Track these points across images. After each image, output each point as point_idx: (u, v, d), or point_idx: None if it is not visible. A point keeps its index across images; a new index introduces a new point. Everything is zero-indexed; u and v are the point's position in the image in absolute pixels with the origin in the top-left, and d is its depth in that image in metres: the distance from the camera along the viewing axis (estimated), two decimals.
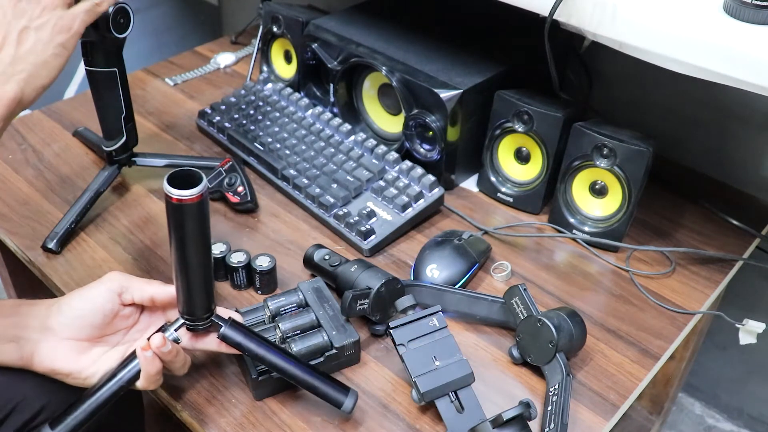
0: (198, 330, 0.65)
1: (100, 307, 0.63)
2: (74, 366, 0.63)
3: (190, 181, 0.56)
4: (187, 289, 0.61)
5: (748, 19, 0.64)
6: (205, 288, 0.62)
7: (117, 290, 0.64)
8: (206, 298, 0.63)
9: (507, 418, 0.60)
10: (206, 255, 0.60)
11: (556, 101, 0.88)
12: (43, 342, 0.62)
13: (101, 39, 0.80)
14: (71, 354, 0.63)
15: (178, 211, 0.56)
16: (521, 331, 0.71)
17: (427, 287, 0.77)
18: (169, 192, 0.55)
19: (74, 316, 0.63)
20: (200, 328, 0.64)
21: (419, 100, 0.92)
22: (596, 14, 0.71)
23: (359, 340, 0.71)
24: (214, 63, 1.27)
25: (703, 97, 1.01)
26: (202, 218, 0.57)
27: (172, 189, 0.55)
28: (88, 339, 0.64)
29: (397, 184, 0.91)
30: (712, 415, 1.32)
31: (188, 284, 0.61)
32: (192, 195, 0.55)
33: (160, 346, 0.61)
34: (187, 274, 0.60)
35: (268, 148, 0.99)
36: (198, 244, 0.59)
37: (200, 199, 0.56)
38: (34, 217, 0.90)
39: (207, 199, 0.57)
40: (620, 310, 0.81)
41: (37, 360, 0.63)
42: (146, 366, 0.61)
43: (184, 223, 0.57)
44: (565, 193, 0.89)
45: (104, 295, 0.63)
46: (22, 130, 1.07)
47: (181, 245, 0.58)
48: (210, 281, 0.62)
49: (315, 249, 0.81)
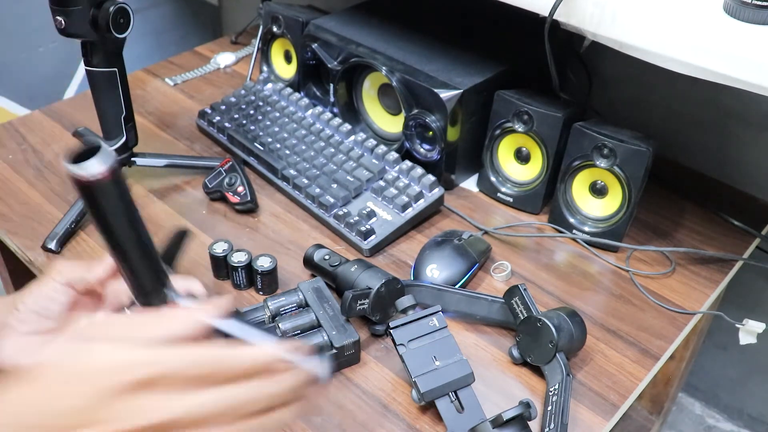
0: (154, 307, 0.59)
1: (51, 301, 0.62)
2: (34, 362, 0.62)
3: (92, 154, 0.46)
4: (126, 270, 0.56)
5: (748, 19, 0.64)
6: (150, 267, 0.55)
7: (66, 282, 0.62)
8: (155, 277, 0.56)
9: (507, 418, 0.60)
10: (135, 233, 0.53)
11: (556, 101, 0.88)
12: (3, 339, 0.61)
13: (101, 39, 0.80)
14: (29, 348, 0.61)
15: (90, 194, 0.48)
16: (521, 331, 0.71)
17: (427, 287, 0.77)
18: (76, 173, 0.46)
19: (29, 311, 0.62)
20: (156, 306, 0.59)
21: (419, 100, 0.92)
22: (596, 14, 0.71)
23: (359, 340, 0.71)
24: (214, 63, 1.27)
25: (703, 97, 1.01)
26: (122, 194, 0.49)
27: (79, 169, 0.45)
28: (51, 331, 0.62)
29: (397, 184, 0.91)
30: (712, 415, 1.32)
31: (126, 266, 0.55)
32: (101, 174, 0.46)
33: None
34: (121, 256, 0.54)
35: (268, 148, 0.99)
36: (123, 225, 0.51)
37: (112, 174, 0.47)
38: (34, 217, 0.90)
39: (119, 172, 0.48)
40: (620, 310, 0.81)
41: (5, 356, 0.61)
42: None
43: (102, 205, 0.49)
44: (565, 193, 0.89)
45: (54, 289, 0.62)
46: (22, 130, 1.07)
47: (105, 228, 0.51)
48: (152, 258, 0.55)
49: (315, 249, 0.81)
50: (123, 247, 0.53)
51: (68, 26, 0.77)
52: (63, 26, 0.77)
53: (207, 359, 0.42)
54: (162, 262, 0.58)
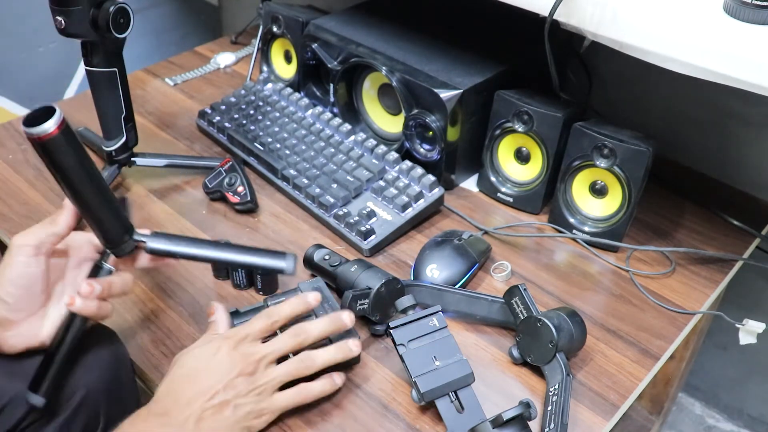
0: (125, 254, 0.65)
1: (30, 278, 0.63)
2: (43, 335, 0.64)
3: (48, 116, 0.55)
4: (93, 220, 0.62)
5: (748, 19, 0.64)
6: (110, 214, 0.62)
7: (32, 252, 0.63)
8: (116, 223, 0.63)
9: (507, 418, 0.60)
10: (94, 183, 0.60)
11: (556, 101, 0.88)
12: (5, 332, 0.63)
13: (101, 39, 0.80)
14: (35, 327, 0.64)
15: (45, 149, 0.56)
16: (521, 331, 0.71)
17: (427, 287, 0.77)
18: (31, 133, 0.54)
19: (16, 300, 0.63)
20: (126, 252, 0.65)
21: (419, 100, 0.92)
22: (596, 14, 0.71)
23: (359, 338, 0.71)
24: (214, 63, 1.27)
25: (703, 97, 1.01)
26: (74, 148, 0.57)
27: (31, 128, 0.54)
28: (41, 306, 0.65)
29: (397, 184, 0.91)
30: (712, 415, 1.32)
31: (92, 216, 0.61)
32: (50, 129, 0.54)
33: (88, 293, 0.62)
34: (86, 206, 0.60)
35: (268, 148, 0.99)
36: (81, 176, 0.58)
37: (61, 130, 0.55)
38: (34, 217, 0.90)
39: (69, 128, 0.56)
40: (620, 310, 0.81)
41: (8, 347, 0.63)
42: (84, 312, 0.63)
43: (57, 158, 0.56)
44: (565, 193, 0.89)
45: (29, 264, 0.63)
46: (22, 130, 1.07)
47: (66, 182, 0.58)
48: (112, 206, 0.62)
49: (315, 249, 0.81)
50: (85, 196, 0.60)
51: (68, 26, 0.77)
52: (63, 26, 0.77)
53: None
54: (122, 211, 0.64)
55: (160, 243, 0.66)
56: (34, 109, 0.55)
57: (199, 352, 0.63)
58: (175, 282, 0.81)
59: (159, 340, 0.75)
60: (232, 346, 0.62)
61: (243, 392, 0.61)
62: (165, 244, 0.66)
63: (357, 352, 0.67)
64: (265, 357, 0.63)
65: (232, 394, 0.60)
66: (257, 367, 0.62)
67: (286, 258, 0.67)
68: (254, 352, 0.63)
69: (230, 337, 0.63)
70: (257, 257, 0.67)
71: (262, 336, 0.64)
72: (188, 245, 0.67)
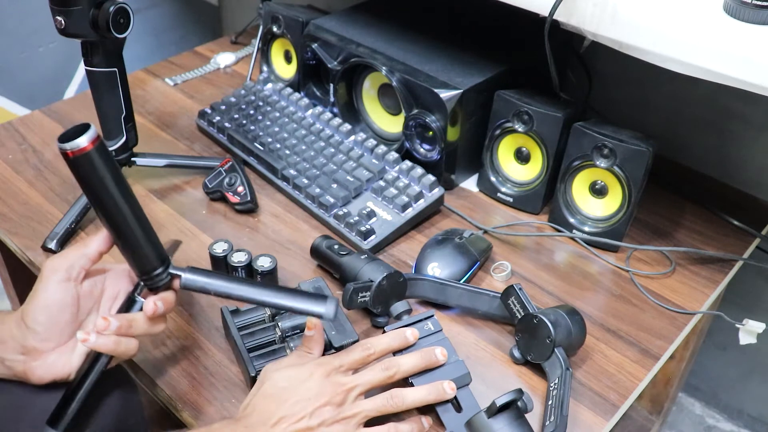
0: (159, 287, 0.62)
1: (61, 305, 0.62)
2: (71, 367, 0.63)
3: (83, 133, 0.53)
4: (126, 246, 0.59)
5: (748, 19, 0.64)
6: (145, 240, 0.59)
7: (65, 277, 0.62)
8: (151, 251, 0.60)
9: (500, 405, 0.60)
10: (128, 205, 0.57)
11: (556, 101, 0.88)
12: (33, 362, 0.62)
13: (101, 39, 0.80)
14: (63, 359, 0.63)
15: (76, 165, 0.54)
16: (520, 330, 0.72)
17: (429, 281, 0.77)
18: (63, 147, 0.53)
19: (46, 329, 0.61)
20: (160, 285, 0.62)
21: (419, 100, 0.92)
22: (596, 14, 0.71)
23: (358, 340, 0.71)
24: (214, 63, 1.27)
25: (703, 97, 1.01)
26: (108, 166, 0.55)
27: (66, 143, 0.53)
28: (70, 336, 0.63)
29: (397, 184, 0.91)
30: (712, 415, 1.32)
31: (125, 241, 0.58)
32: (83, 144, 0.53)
33: (103, 329, 0.59)
34: (119, 230, 0.58)
35: (268, 148, 0.99)
36: (114, 196, 0.56)
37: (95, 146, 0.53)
38: (34, 217, 0.90)
39: (103, 145, 0.55)
40: (620, 310, 0.81)
41: (36, 378, 0.62)
42: (100, 349, 0.61)
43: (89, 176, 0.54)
44: (565, 193, 0.89)
45: (58, 291, 0.62)
46: (22, 130, 1.07)
47: (98, 202, 0.56)
48: (149, 232, 0.60)
49: (323, 239, 0.82)
50: (118, 218, 0.57)
51: (68, 26, 0.77)
52: (63, 26, 0.77)
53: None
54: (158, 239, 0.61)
55: (197, 279, 0.62)
56: (70, 127, 0.54)
57: (292, 374, 0.62)
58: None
59: (159, 340, 0.75)
60: (324, 374, 0.62)
61: (328, 421, 0.60)
62: (201, 281, 0.62)
63: (451, 395, 0.65)
64: (354, 388, 0.62)
65: (317, 421, 0.60)
66: (346, 398, 0.61)
67: (326, 303, 0.63)
68: (345, 382, 0.62)
69: (324, 364, 0.63)
70: (296, 301, 0.64)
71: (356, 367, 0.64)
72: (224, 283, 0.63)
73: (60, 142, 0.53)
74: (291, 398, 0.60)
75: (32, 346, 0.61)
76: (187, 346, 0.74)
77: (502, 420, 0.60)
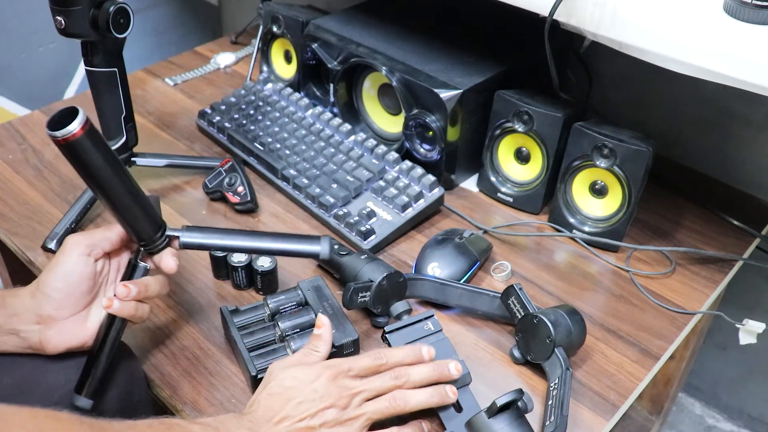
0: (159, 250, 0.66)
1: (80, 276, 0.64)
2: (85, 335, 0.65)
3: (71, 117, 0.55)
4: (125, 219, 0.62)
5: (748, 19, 0.64)
6: (142, 212, 0.63)
7: (86, 252, 0.64)
8: (148, 220, 0.64)
9: (501, 405, 0.60)
10: (122, 182, 0.60)
11: (556, 101, 0.88)
12: (48, 330, 0.64)
13: (101, 39, 0.80)
14: (77, 328, 0.65)
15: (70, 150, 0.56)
16: (520, 330, 0.72)
17: (429, 280, 0.77)
18: (54, 135, 0.55)
19: (64, 296, 0.64)
20: (160, 249, 0.66)
21: (419, 100, 0.92)
22: (596, 14, 0.71)
23: (358, 339, 0.71)
24: (214, 63, 1.27)
25: (703, 97, 1.01)
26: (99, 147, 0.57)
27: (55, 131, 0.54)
28: (85, 306, 0.66)
29: (397, 184, 0.91)
30: (712, 415, 1.32)
31: (123, 215, 0.62)
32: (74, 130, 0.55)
33: (125, 296, 0.64)
34: (116, 206, 0.61)
35: (268, 148, 0.99)
36: (109, 175, 0.59)
37: (85, 131, 0.55)
38: (34, 217, 0.90)
39: (93, 128, 0.57)
40: (620, 310, 0.81)
41: (51, 346, 0.64)
42: (122, 314, 0.65)
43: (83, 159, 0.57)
44: (565, 193, 0.89)
45: (79, 263, 0.64)
46: (22, 130, 1.07)
47: (95, 182, 0.59)
48: (143, 203, 0.63)
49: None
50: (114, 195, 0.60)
51: (68, 26, 0.77)
52: (63, 26, 0.77)
53: None
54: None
55: (194, 236, 0.66)
56: (56, 112, 0.55)
57: (300, 374, 0.62)
58: (175, 281, 0.81)
59: (159, 339, 0.75)
60: (332, 377, 0.62)
61: (331, 423, 0.60)
62: (198, 238, 0.66)
63: (454, 399, 0.65)
64: (360, 393, 0.62)
65: (319, 422, 0.60)
66: (350, 401, 0.62)
67: (320, 242, 0.67)
68: (352, 386, 0.62)
69: (332, 366, 0.63)
70: (292, 243, 0.67)
71: (365, 374, 0.64)
72: (221, 237, 0.67)
73: (49, 129, 0.55)
74: (296, 398, 0.60)
75: (47, 314, 0.63)
76: (187, 346, 0.74)
77: (502, 420, 0.60)
